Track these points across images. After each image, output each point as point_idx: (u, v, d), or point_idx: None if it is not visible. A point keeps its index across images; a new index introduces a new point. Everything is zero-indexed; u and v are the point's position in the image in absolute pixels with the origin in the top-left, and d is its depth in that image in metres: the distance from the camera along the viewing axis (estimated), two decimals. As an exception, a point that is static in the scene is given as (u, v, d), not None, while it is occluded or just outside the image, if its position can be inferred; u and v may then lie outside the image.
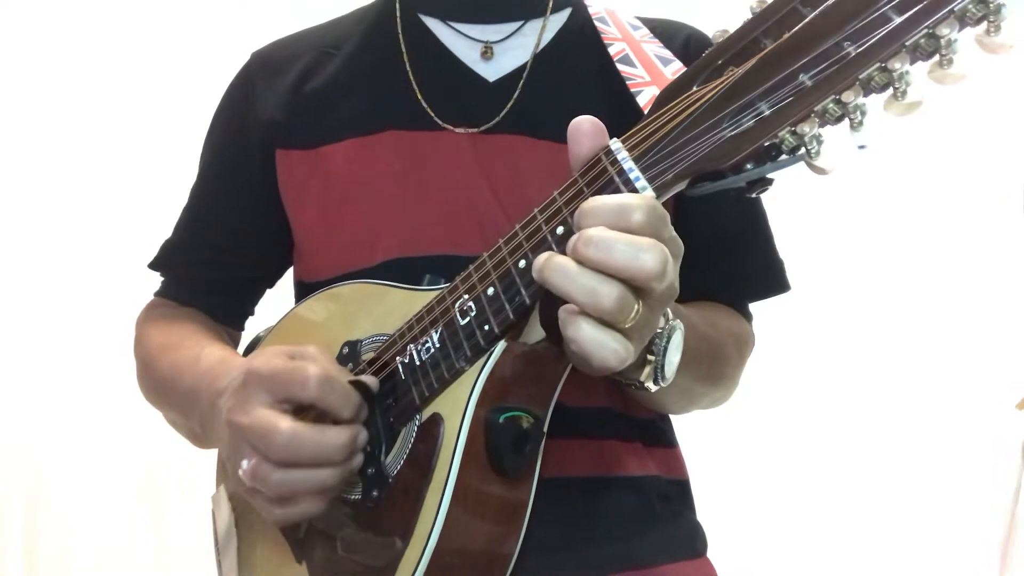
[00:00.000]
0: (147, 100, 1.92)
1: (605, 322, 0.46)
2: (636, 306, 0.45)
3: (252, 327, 0.82)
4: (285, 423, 0.55)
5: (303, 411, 0.58)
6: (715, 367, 0.70)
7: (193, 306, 0.83)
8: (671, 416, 0.78)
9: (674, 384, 0.59)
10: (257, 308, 0.87)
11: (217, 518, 0.72)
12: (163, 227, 0.86)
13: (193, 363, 0.70)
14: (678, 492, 0.74)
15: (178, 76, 1.90)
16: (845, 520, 1.89)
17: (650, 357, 0.56)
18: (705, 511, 0.77)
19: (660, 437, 0.74)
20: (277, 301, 0.78)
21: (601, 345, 0.46)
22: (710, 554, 0.74)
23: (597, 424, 0.69)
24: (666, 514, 0.71)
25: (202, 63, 1.78)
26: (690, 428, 0.89)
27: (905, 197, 1.93)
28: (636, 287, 0.45)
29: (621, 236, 0.44)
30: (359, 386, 0.59)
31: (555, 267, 0.46)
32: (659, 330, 0.55)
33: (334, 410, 0.57)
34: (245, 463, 0.56)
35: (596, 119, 0.51)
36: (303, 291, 0.76)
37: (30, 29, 1.91)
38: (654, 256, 0.44)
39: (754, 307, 0.81)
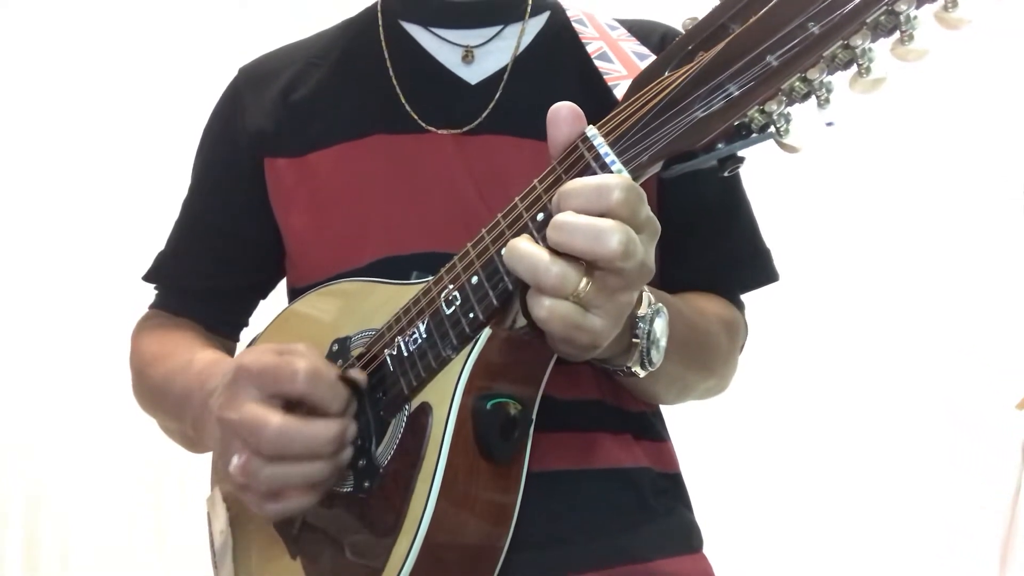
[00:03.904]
0: (147, 104, 1.94)
1: (568, 301, 0.48)
2: (581, 280, 0.48)
3: (247, 337, 0.83)
4: (275, 417, 0.56)
5: (293, 407, 0.59)
6: (705, 354, 0.70)
7: (187, 317, 0.84)
8: (663, 411, 0.78)
9: (664, 372, 0.60)
10: (253, 319, 0.88)
11: (213, 521, 0.73)
12: (166, 226, 0.87)
13: (185, 368, 0.71)
14: (671, 486, 0.74)
15: (177, 79, 1.92)
16: (844, 519, 1.89)
17: (635, 341, 0.57)
18: (701, 507, 0.77)
19: (651, 430, 0.75)
20: (273, 311, 0.79)
21: (560, 319, 0.48)
22: (706, 550, 0.75)
23: (587, 416, 0.70)
24: (660, 508, 0.71)
25: (202, 65, 1.79)
26: (684, 423, 0.89)
27: (906, 196, 1.93)
28: (600, 265, 0.47)
29: (583, 220, 0.47)
30: (347, 380, 0.59)
31: (507, 249, 0.50)
32: (641, 313, 0.56)
33: (323, 404, 0.58)
34: (236, 459, 0.57)
35: (574, 105, 0.52)
36: (296, 297, 0.77)
37: (29, 29, 1.92)
38: (617, 237, 0.46)
39: (749, 301, 0.81)
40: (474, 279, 0.55)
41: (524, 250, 0.49)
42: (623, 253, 0.46)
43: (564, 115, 0.51)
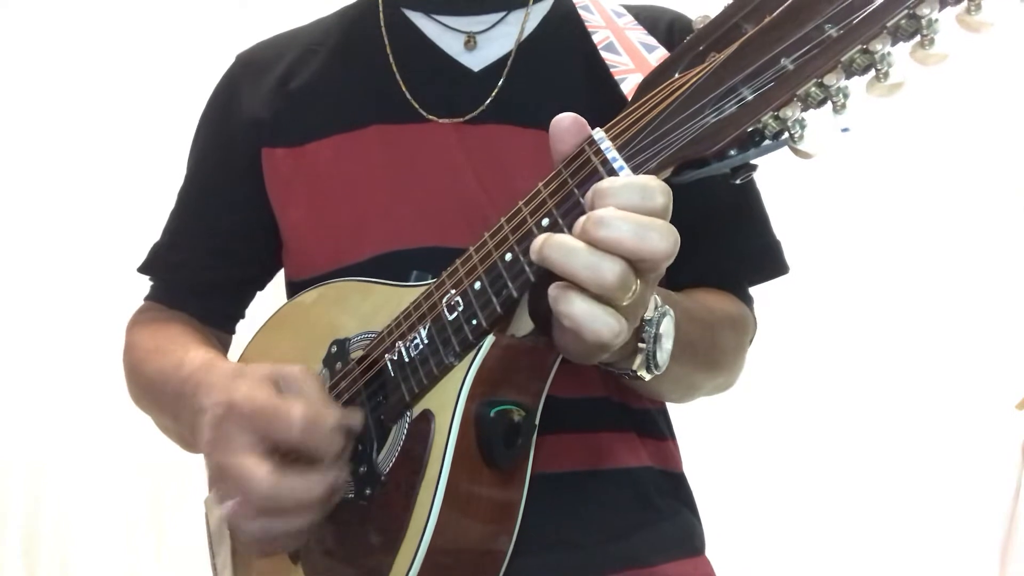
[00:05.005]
0: (146, 102, 1.93)
1: (600, 298, 0.46)
2: (635, 284, 0.45)
3: (243, 330, 0.82)
4: (264, 473, 0.55)
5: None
6: (712, 353, 0.69)
7: (181, 309, 0.83)
8: (668, 410, 0.77)
9: (670, 372, 0.59)
10: (249, 311, 0.87)
11: (211, 520, 0.72)
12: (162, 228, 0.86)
13: (177, 368, 0.69)
14: (673, 486, 0.74)
15: (176, 77, 1.90)
16: (845, 519, 1.88)
17: (641, 345, 0.56)
18: (703, 508, 0.76)
19: (654, 429, 0.74)
20: (270, 305, 0.78)
21: (594, 318, 0.45)
22: (708, 551, 0.74)
23: (592, 416, 0.69)
24: (663, 508, 0.70)
25: (201, 64, 1.78)
26: (689, 423, 0.88)
27: (907, 197, 1.93)
28: (641, 267, 0.45)
29: (632, 216, 0.44)
30: (343, 425, 0.58)
31: (555, 245, 0.46)
32: (648, 317, 0.55)
33: (318, 454, 0.57)
34: (225, 506, 0.56)
35: (577, 115, 0.50)
36: (293, 290, 0.76)
37: (30, 28, 1.91)
38: (665, 237, 0.44)
39: (754, 297, 0.80)
40: (476, 284, 0.54)
41: (574, 247, 0.45)
42: (672, 253, 0.44)
43: (566, 126, 0.50)
